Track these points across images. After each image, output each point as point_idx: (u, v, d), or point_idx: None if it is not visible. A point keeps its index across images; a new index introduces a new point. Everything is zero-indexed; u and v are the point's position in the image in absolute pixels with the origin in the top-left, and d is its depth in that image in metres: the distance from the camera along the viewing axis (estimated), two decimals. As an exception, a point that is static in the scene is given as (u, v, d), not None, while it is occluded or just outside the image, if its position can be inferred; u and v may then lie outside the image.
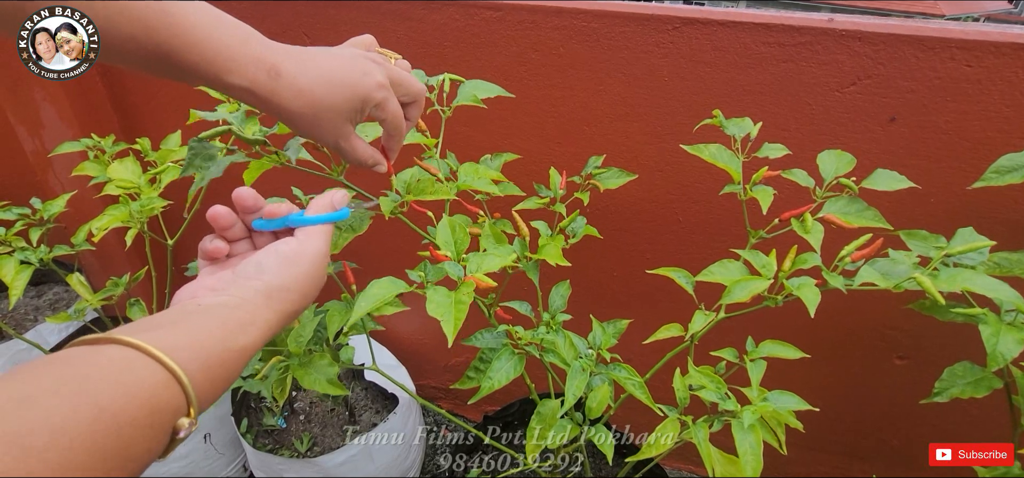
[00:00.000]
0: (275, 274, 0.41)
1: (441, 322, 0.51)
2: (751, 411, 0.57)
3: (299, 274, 0.42)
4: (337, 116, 0.46)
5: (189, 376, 0.31)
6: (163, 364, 0.30)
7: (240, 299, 0.38)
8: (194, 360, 0.32)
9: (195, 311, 0.36)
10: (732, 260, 0.65)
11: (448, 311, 0.51)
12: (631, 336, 0.76)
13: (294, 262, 0.42)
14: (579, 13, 0.89)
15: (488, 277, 0.56)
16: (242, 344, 0.36)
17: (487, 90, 0.74)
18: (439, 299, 0.52)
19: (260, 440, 1.18)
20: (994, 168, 0.71)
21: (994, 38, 0.75)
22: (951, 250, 0.62)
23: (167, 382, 0.30)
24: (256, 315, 0.38)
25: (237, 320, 0.37)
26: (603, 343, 0.67)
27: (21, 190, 1.19)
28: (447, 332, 0.50)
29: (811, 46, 0.81)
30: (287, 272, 0.41)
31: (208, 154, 0.58)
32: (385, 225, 1.14)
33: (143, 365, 0.30)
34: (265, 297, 0.39)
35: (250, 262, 0.41)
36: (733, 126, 0.72)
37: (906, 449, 1.14)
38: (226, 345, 0.35)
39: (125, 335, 0.30)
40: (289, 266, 0.42)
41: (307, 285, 0.42)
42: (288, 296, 0.41)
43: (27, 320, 1.53)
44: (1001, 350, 0.61)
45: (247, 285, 0.40)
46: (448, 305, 0.52)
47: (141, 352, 0.30)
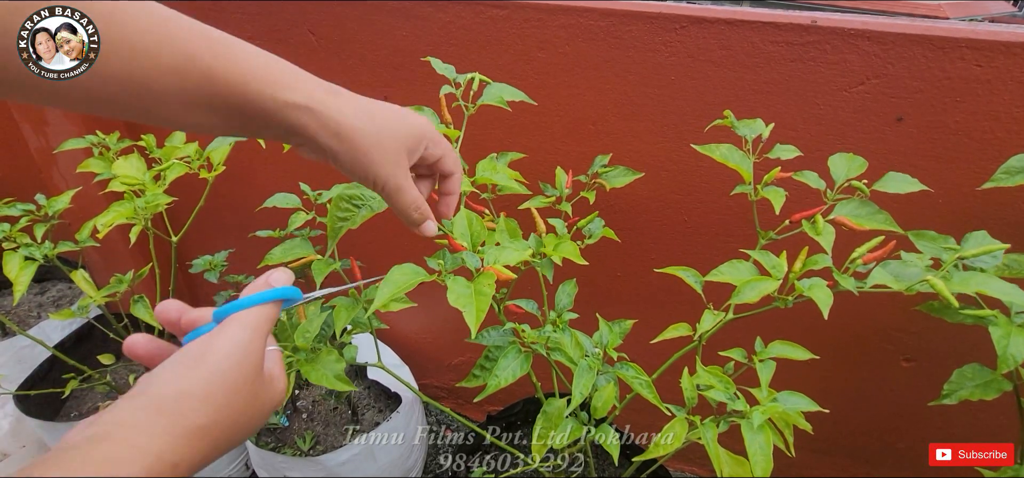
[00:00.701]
0: (168, 382, 0.32)
1: (463, 312, 0.50)
2: (761, 411, 0.57)
3: (206, 374, 0.32)
4: (397, 142, 0.43)
5: None
6: None
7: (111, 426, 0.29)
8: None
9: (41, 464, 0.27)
10: (742, 260, 0.65)
11: (469, 302, 0.51)
12: (637, 336, 0.76)
13: (198, 360, 0.33)
14: (586, 11, 0.89)
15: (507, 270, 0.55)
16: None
17: (513, 94, 0.74)
18: (460, 289, 0.52)
19: (262, 438, 1.17)
20: (1004, 169, 0.71)
21: (1004, 38, 0.74)
22: (965, 253, 0.61)
23: None
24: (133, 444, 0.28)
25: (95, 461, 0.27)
26: (610, 342, 0.67)
27: (26, 187, 1.19)
28: (470, 322, 0.50)
29: (820, 46, 0.81)
30: (186, 375, 0.32)
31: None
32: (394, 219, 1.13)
33: None
34: (151, 414, 0.30)
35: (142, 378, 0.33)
36: (744, 127, 0.72)
37: (912, 452, 1.13)
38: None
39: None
40: (190, 367, 0.33)
41: (222, 387, 0.33)
42: (192, 405, 0.31)
43: (30, 317, 1.53)
44: (1012, 352, 0.60)
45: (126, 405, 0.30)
46: (469, 296, 0.51)
47: None
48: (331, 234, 0.60)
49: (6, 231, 0.91)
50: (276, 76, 0.39)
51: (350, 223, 0.60)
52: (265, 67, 0.39)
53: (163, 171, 0.93)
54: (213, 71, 0.37)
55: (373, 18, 1.00)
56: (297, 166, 1.14)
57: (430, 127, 0.46)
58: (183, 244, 1.12)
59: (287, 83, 0.39)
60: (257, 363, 0.35)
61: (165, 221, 1.08)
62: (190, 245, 1.39)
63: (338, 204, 0.59)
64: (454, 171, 0.50)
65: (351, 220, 0.60)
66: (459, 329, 1.38)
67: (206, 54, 0.37)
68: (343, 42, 1.05)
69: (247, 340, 0.35)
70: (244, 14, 1.07)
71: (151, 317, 0.99)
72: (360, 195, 0.59)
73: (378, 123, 0.42)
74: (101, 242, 0.99)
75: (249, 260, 0.94)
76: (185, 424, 0.31)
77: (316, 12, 1.03)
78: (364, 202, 0.59)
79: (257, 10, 1.06)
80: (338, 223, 0.59)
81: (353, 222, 0.60)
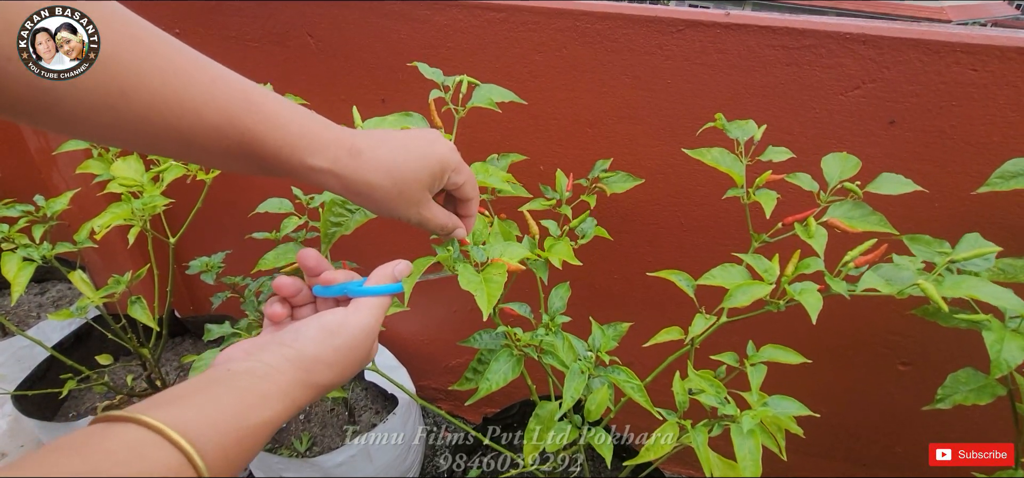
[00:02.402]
0: (310, 343, 0.40)
1: (475, 295, 0.50)
2: (750, 416, 0.57)
3: (338, 346, 0.40)
4: (418, 185, 0.46)
5: (204, 456, 0.30)
6: (177, 446, 0.29)
7: (268, 368, 0.37)
8: (209, 440, 0.31)
9: (218, 380, 0.35)
10: (734, 264, 0.65)
11: (480, 286, 0.51)
12: (633, 339, 0.76)
13: (334, 333, 0.41)
14: (583, 15, 0.89)
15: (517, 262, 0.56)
16: (261, 419, 0.35)
17: (502, 95, 0.74)
18: (470, 275, 0.52)
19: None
20: (999, 173, 0.71)
21: (999, 42, 0.74)
22: (956, 256, 0.61)
23: (181, 465, 0.29)
24: (281, 386, 0.37)
25: (259, 392, 0.36)
26: (602, 345, 0.67)
27: (26, 188, 1.20)
28: (482, 305, 0.50)
29: (815, 49, 0.81)
30: (324, 343, 0.40)
31: None
32: (390, 222, 1.13)
33: (156, 447, 0.29)
34: (295, 367, 0.38)
35: (291, 328, 0.41)
36: (736, 129, 0.72)
37: (910, 456, 1.13)
38: (243, 422, 0.33)
39: (141, 413, 0.30)
40: (328, 337, 0.40)
41: (345, 359, 0.41)
42: (321, 368, 0.39)
43: (30, 317, 1.54)
44: (1005, 357, 0.60)
45: (278, 352, 0.39)
46: (479, 281, 0.52)
47: (156, 432, 0.29)
48: (325, 239, 0.60)
49: (5, 232, 0.91)
50: (303, 141, 0.42)
51: (344, 228, 0.60)
52: (294, 133, 0.41)
53: (161, 173, 0.93)
54: (251, 134, 0.40)
55: (371, 20, 1.01)
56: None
57: (452, 156, 0.48)
58: (181, 245, 1.13)
59: (312, 148, 0.42)
60: (372, 342, 0.43)
61: (163, 222, 1.09)
62: (188, 246, 1.40)
63: (331, 210, 0.59)
64: (472, 197, 0.52)
65: (345, 225, 0.60)
66: (456, 331, 1.38)
67: (246, 118, 0.40)
68: (341, 44, 1.05)
69: (371, 325, 0.43)
70: (243, 15, 1.07)
71: (148, 318, 0.99)
72: None
73: (398, 177, 0.45)
74: (100, 243, 0.99)
75: (246, 261, 0.95)
76: (314, 381, 0.39)
77: (314, 14, 1.04)
78: (358, 208, 0.60)
79: (256, 12, 1.06)
80: (332, 228, 0.59)
81: (347, 227, 0.60)
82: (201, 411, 0.32)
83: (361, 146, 0.44)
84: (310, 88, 1.10)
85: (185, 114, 0.37)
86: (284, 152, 0.41)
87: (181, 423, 0.30)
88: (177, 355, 1.38)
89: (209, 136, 0.39)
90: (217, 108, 0.38)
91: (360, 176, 0.43)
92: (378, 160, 0.44)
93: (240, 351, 0.39)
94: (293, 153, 0.41)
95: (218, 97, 0.39)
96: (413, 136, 0.47)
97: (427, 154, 0.46)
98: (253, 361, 0.37)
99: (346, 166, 0.43)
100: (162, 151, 0.40)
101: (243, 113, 0.39)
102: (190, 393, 0.33)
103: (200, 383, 0.35)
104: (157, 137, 0.38)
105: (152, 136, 0.38)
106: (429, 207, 0.48)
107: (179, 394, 0.33)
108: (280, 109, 0.41)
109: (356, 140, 0.44)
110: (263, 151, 0.40)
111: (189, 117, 0.38)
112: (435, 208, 0.49)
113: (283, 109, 0.41)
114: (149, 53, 0.36)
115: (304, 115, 0.42)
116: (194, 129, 0.38)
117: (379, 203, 0.45)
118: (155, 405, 0.31)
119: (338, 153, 0.42)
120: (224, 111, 0.39)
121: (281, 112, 0.41)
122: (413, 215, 0.47)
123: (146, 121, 0.37)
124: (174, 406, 0.31)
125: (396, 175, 0.44)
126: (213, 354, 0.74)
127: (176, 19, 1.12)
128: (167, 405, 0.31)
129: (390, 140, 0.45)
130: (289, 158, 0.41)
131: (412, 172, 0.45)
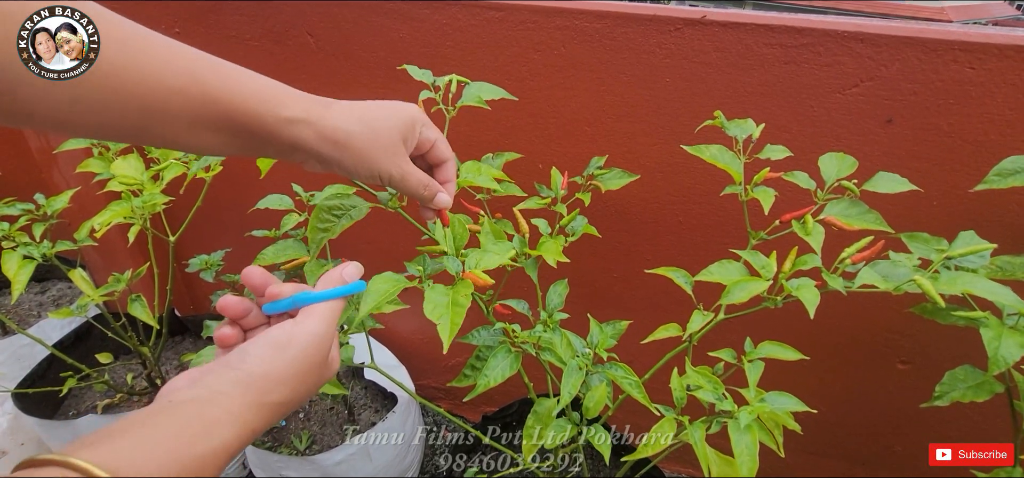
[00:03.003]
0: (258, 361, 0.37)
1: (437, 326, 0.50)
2: (748, 412, 0.57)
3: (289, 359, 0.38)
4: (392, 135, 0.46)
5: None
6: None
7: (213, 393, 0.35)
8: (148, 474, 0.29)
9: (159, 411, 0.33)
10: (732, 261, 0.65)
11: (445, 313, 0.51)
12: (632, 337, 0.76)
13: (283, 347, 0.38)
14: (581, 14, 0.89)
15: (486, 275, 0.55)
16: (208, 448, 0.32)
17: (491, 92, 0.74)
18: (437, 299, 0.52)
19: (258, 437, 1.18)
20: (996, 171, 0.71)
21: (997, 41, 0.74)
22: (952, 253, 0.61)
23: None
24: (230, 410, 0.34)
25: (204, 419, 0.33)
26: (601, 343, 0.67)
27: (27, 187, 1.20)
28: (443, 337, 0.50)
29: (813, 48, 0.81)
30: (274, 359, 0.38)
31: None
32: (382, 223, 1.13)
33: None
34: (243, 388, 0.36)
35: (237, 350, 0.39)
36: (735, 127, 0.72)
37: (909, 455, 1.13)
38: (186, 452, 0.31)
39: (71, 454, 0.28)
40: (277, 352, 0.38)
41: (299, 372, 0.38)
42: (273, 386, 0.37)
43: (31, 316, 1.54)
44: (1003, 354, 0.60)
45: (225, 375, 0.36)
46: (445, 306, 0.51)
47: (83, 473, 0.27)
48: (313, 244, 0.60)
49: (5, 230, 0.92)
50: (275, 96, 0.42)
51: (330, 233, 0.60)
52: (265, 88, 0.42)
53: (161, 171, 0.94)
54: (217, 92, 0.40)
55: (370, 19, 1.01)
56: (292, 167, 1.15)
57: (421, 112, 0.49)
58: (182, 243, 1.13)
59: (285, 101, 0.42)
60: (326, 351, 0.41)
61: (163, 221, 1.09)
62: (189, 244, 1.40)
63: (319, 215, 0.60)
64: (447, 157, 0.52)
65: (331, 230, 0.61)
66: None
67: (210, 75, 0.40)
68: (340, 43, 1.05)
69: (322, 332, 0.40)
70: (242, 15, 1.07)
71: (148, 317, 1.00)
72: (340, 205, 0.60)
73: (371, 123, 0.45)
74: (101, 242, 1.00)
75: (246, 259, 0.94)
76: (267, 400, 0.37)
77: (313, 13, 1.04)
78: (344, 211, 0.60)
79: (255, 11, 1.07)
80: (318, 234, 0.60)
81: (333, 232, 0.61)
82: (138, 446, 0.30)
83: (331, 101, 0.45)
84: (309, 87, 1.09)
85: (144, 78, 0.37)
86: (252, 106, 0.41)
87: (115, 461, 0.28)
88: (177, 354, 1.38)
89: (173, 101, 0.38)
90: (179, 70, 0.38)
91: (335, 123, 0.44)
92: (350, 109, 0.45)
93: (184, 380, 0.37)
94: (263, 106, 0.41)
95: (179, 59, 0.38)
96: (382, 101, 0.48)
97: (396, 107, 0.47)
98: (199, 388, 0.35)
99: (321, 115, 0.43)
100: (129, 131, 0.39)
101: (207, 73, 0.39)
102: (128, 428, 0.31)
103: (139, 417, 0.32)
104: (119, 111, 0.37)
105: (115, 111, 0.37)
106: (406, 160, 0.48)
107: (117, 429, 0.31)
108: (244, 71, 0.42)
109: (324, 99, 0.45)
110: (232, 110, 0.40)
111: (149, 80, 0.37)
112: (411, 165, 0.49)
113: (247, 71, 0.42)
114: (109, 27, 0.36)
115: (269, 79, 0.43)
116: (155, 93, 0.37)
117: (355, 152, 0.45)
118: (88, 444, 0.29)
119: (310, 105, 0.43)
120: (188, 71, 0.38)
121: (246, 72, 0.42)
122: (391, 167, 0.47)
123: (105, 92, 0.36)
124: (108, 443, 0.30)
125: (369, 121, 0.45)
126: (211, 351, 0.74)
127: (176, 19, 1.12)
128: (100, 443, 0.29)
129: (359, 102, 0.47)
130: (262, 113, 0.41)
131: (384, 119, 0.46)
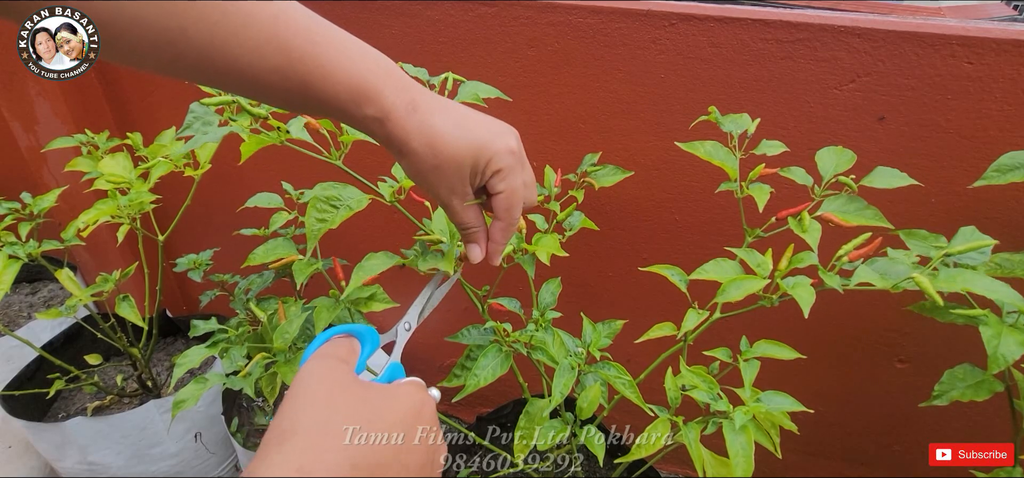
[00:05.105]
0: None
1: None
2: (743, 412, 0.56)
3: None
4: (458, 169, 0.43)
5: None
6: None
7: None
8: None
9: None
10: (727, 259, 0.64)
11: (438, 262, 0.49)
12: (627, 336, 0.75)
13: None
14: (575, 9, 0.88)
15: None
16: None
17: (487, 91, 0.73)
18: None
19: (251, 439, 1.16)
20: (995, 166, 0.70)
21: (995, 35, 0.73)
22: (951, 249, 0.60)
23: None
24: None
25: None
26: (594, 342, 0.66)
27: (15, 186, 1.18)
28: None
29: (809, 43, 0.80)
30: None
31: (207, 119, 0.56)
32: (379, 220, 1.12)
33: None
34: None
35: None
36: (729, 122, 0.71)
37: (908, 454, 1.12)
38: None
39: None
40: None
41: None
42: None
43: (20, 317, 1.52)
44: (1002, 352, 0.59)
45: None
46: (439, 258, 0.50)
47: None
48: (310, 235, 0.59)
49: (-10, 229, 0.90)
50: (364, 88, 0.40)
51: (329, 224, 0.59)
52: (358, 73, 0.40)
53: (149, 169, 0.92)
54: (311, 77, 0.39)
55: (361, 15, 1.00)
56: (281, 165, 1.14)
57: (504, 154, 0.45)
58: (171, 243, 1.12)
59: (369, 96, 0.41)
60: None
61: (152, 220, 1.08)
62: (179, 243, 1.39)
63: (316, 205, 0.58)
64: (504, 221, 0.48)
65: (330, 221, 0.59)
66: (449, 330, 1.37)
67: (309, 60, 0.38)
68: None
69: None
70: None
71: (136, 317, 0.98)
72: (338, 196, 0.59)
73: (444, 143, 0.43)
74: (89, 242, 0.98)
75: (236, 258, 0.93)
76: None
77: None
78: (342, 202, 0.59)
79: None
80: (317, 224, 0.58)
81: (332, 222, 0.59)
82: None
83: (419, 103, 0.42)
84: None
85: (244, 53, 0.37)
86: (340, 98, 0.40)
87: None
88: (168, 355, 1.37)
89: (270, 78, 0.38)
90: (277, 48, 0.37)
91: (405, 135, 0.42)
92: (428, 125, 0.42)
93: None
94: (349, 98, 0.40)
95: (280, 35, 0.37)
96: (478, 118, 0.45)
97: (481, 141, 0.44)
98: None
99: (396, 119, 0.42)
100: (229, 89, 0.40)
101: (306, 57, 0.38)
102: None
103: None
104: (220, 74, 0.37)
105: (215, 73, 0.37)
106: (460, 198, 0.46)
107: None
108: (340, 57, 0.40)
109: (416, 96, 0.42)
110: (322, 97, 0.40)
111: (249, 56, 0.37)
112: (466, 205, 0.46)
113: (343, 55, 0.40)
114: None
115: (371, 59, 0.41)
116: (255, 68, 0.37)
117: (416, 171, 0.44)
118: None
119: (395, 103, 0.41)
120: (285, 52, 0.38)
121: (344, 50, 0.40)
122: (444, 196, 0.45)
123: (206, 59, 0.36)
124: None
125: (438, 149, 0.42)
126: (199, 352, 0.73)
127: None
128: None
129: (452, 111, 0.43)
130: (346, 106, 0.40)
131: (454, 152, 0.43)
